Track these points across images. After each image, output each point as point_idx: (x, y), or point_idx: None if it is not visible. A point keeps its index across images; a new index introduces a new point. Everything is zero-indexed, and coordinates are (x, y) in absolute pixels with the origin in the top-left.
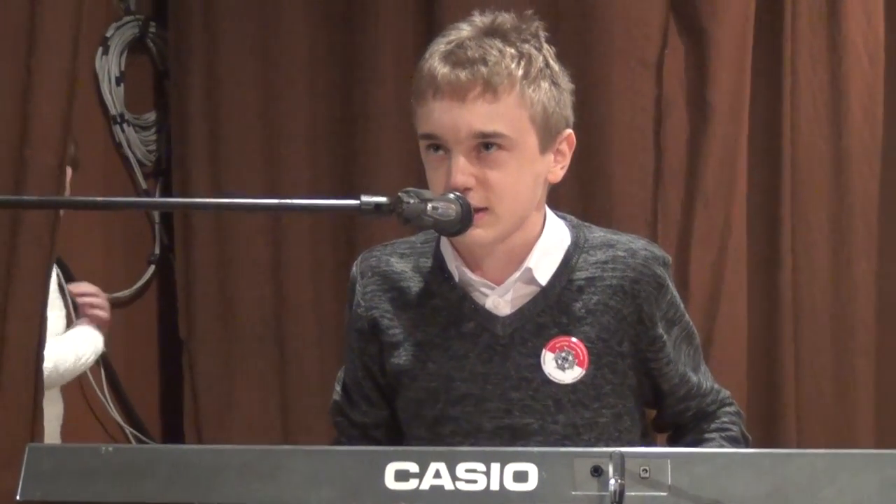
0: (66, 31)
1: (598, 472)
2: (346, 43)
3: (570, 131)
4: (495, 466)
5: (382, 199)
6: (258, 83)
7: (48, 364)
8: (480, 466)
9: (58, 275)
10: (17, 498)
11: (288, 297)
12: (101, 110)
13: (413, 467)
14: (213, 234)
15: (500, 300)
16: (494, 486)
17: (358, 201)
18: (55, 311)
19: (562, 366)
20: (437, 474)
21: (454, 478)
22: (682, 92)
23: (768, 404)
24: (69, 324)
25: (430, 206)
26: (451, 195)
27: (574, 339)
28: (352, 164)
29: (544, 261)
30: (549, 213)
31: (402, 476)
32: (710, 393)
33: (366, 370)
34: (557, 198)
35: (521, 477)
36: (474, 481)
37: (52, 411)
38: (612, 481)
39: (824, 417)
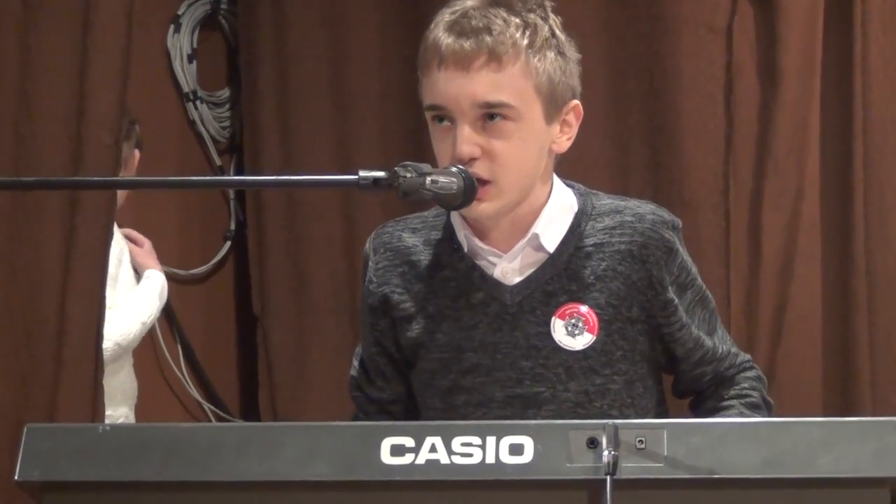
0: (122, 9)
1: (593, 443)
2: (417, 16)
3: (576, 102)
4: (491, 440)
5: (381, 174)
6: (328, 58)
7: (108, 343)
8: (476, 440)
9: (131, 252)
10: (16, 478)
11: (361, 272)
12: (174, 88)
13: (409, 442)
14: (285, 209)
15: (509, 267)
16: (490, 460)
17: (356, 176)
18: (126, 286)
19: (572, 332)
20: (433, 448)
21: (450, 452)
22: (753, 58)
23: (843, 369)
24: None
25: (428, 179)
26: (454, 168)
27: (583, 306)
28: (423, 138)
29: (551, 228)
30: (557, 181)
31: (397, 451)
32: (727, 357)
33: (379, 346)
34: (628, 165)
35: (516, 450)
36: (470, 455)
37: (123, 389)
38: (605, 453)
39: None
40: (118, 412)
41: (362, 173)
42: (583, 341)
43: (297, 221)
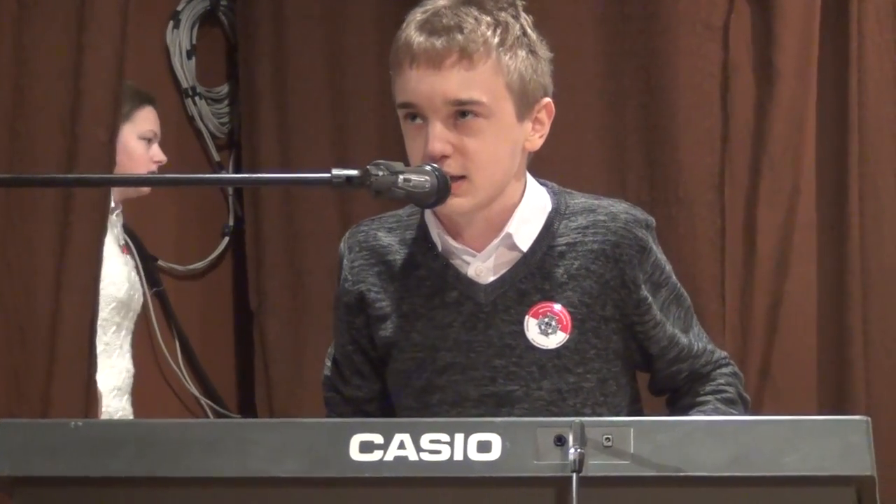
0: (117, 8)
1: (560, 441)
2: None
3: (548, 100)
4: (459, 437)
5: (353, 172)
6: (326, 55)
7: None
8: (444, 437)
9: (129, 244)
10: None
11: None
12: (173, 84)
13: (378, 439)
14: (283, 205)
15: (482, 266)
16: (458, 457)
17: (329, 174)
18: (123, 277)
19: (545, 331)
20: (402, 445)
21: (418, 449)
22: (749, 56)
23: (837, 365)
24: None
25: (401, 178)
26: (428, 167)
27: (557, 305)
28: None
29: (525, 227)
30: (531, 180)
31: (366, 447)
32: (702, 354)
33: (355, 344)
34: (624, 163)
35: (484, 447)
36: (438, 452)
37: (118, 383)
38: (571, 450)
39: (893, 380)
40: (115, 406)
41: (335, 172)
42: (556, 340)
43: (294, 217)
